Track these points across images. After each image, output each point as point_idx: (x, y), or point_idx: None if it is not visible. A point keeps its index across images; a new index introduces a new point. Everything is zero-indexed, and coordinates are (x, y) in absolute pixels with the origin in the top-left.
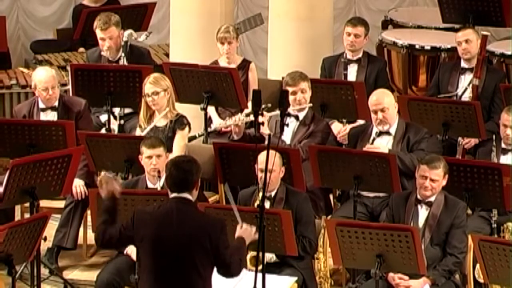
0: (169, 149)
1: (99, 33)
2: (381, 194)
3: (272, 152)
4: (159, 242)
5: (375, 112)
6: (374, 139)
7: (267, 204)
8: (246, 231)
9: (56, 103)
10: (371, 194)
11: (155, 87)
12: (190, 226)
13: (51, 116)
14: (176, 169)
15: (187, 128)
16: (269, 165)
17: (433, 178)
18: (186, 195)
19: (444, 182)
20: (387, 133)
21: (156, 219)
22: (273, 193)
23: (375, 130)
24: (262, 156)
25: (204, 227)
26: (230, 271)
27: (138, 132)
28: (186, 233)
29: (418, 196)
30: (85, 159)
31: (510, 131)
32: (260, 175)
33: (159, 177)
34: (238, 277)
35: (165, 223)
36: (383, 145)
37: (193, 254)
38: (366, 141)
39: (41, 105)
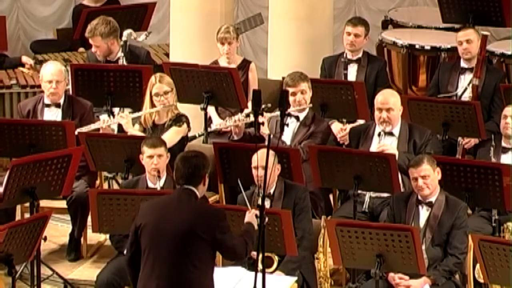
0: None
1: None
2: (381, 194)
3: (265, 150)
4: (157, 228)
5: (380, 111)
6: (380, 140)
7: (267, 202)
8: (253, 216)
9: (62, 101)
10: (372, 194)
11: (165, 86)
12: (188, 214)
13: (55, 113)
14: (183, 164)
15: (184, 126)
16: (262, 162)
17: (422, 175)
18: (191, 187)
19: (438, 176)
20: (391, 134)
21: (156, 207)
22: (271, 190)
23: (377, 130)
24: (255, 156)
25: (202, 216)
26: (236, 254)
27: (136, 127)
28: (184, 220)
29: (419, 197)
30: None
31: (510, 120)
32: (254, 172)
33: (159, 177)
34: (238, 277)
35: (165, 210)
36: (393, 146)
37: (189, 242)
38: (369, 141)
39: (46, 101)
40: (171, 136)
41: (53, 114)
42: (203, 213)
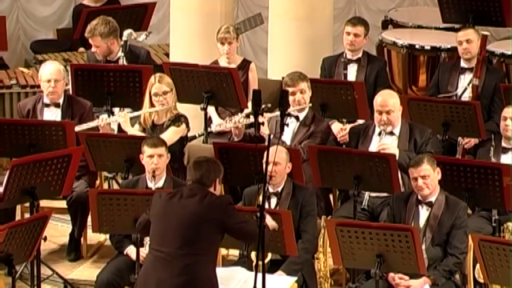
0: None
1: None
2: (381, 194)
3: (279, 146)
4: (163, 215)
5: (380, 113)
6: (380, 140)
7: (273, 200)
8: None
9: (61, 101)
10: (372, 194)
11: (165, 87)
12: (196, 201)
13: (55, 113)
14: (194, 167)
15: (182, 126)
16: (274, 158)
17: (422, 175)
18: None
19: (438, 176)
20: (391, 133)
21: (165, 199)
22: (279, 189)
23: (377, 130)
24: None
25: (209, 202)
26: (246, 235)
27: (136, 127)
28: (191, 206)
29: (419, 197)
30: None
31: (509, 121)
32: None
33: (154, 176)
34: (238, 277)
35: (173, 200)
36: (393, 145)
37: (196, 227)
38: (368, 140)
39: (46, 101)
40: (170, 136)
41: (52, 114)
42: (211, 200)
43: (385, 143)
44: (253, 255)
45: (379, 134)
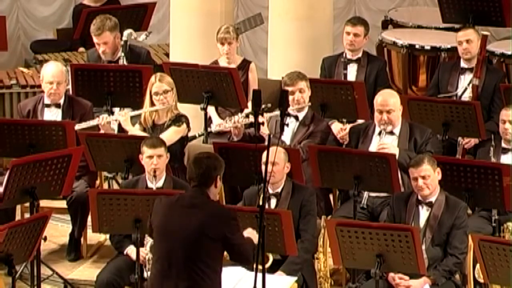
0: None
1: (94, 38)
2: (381, 194)
3: (275, 146)
4: (165, 227)
5: (380, 112)
6: (380, 139)
7: (273, 200)
8: (252, 233)
9: (62, 101)
10: (372, 194)
11: (165, 85)
12: (199, 215)
13: (55, 113)
14: (195, 165)
15: (183, 126)
16: (272, 158)
17: (422, 175)
18: (203, 188)
19: (438, 176)
20: (391, 132)
21: (166, 206)
22: (279, 189)
23: (377, 129)
24: (265, 152)
25: (212, 216)
26: (243, 256)
27: (137, 127)
28: (194, 221)
29: (419, 197)
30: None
31: (508, 125)
32: (263, 168)
33: (155, 177)
34: (238, 277)
35: (174, 209)
36: (393, 145)
37: (200, 243)
38: (368, 140)
39: (46, 101)
40: (170, 135)
41: (53, 114)
42: (214, 213)
43: (385, 142)
44: None
45: (379, 133)
